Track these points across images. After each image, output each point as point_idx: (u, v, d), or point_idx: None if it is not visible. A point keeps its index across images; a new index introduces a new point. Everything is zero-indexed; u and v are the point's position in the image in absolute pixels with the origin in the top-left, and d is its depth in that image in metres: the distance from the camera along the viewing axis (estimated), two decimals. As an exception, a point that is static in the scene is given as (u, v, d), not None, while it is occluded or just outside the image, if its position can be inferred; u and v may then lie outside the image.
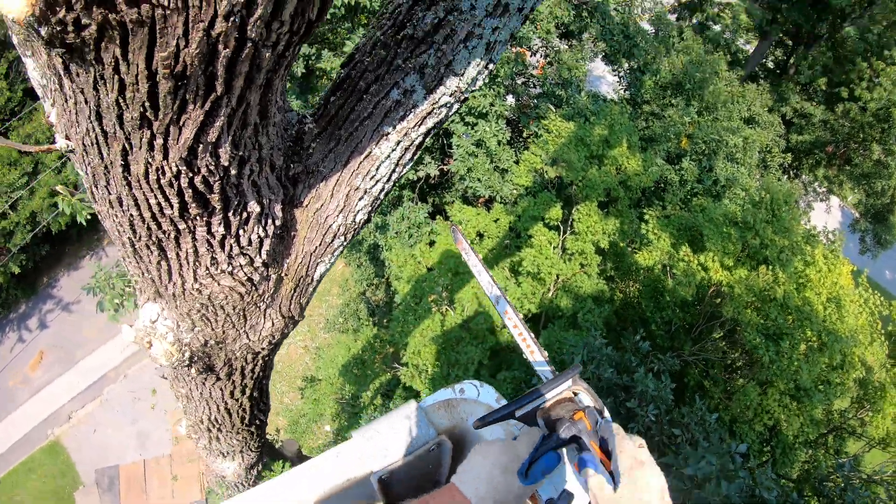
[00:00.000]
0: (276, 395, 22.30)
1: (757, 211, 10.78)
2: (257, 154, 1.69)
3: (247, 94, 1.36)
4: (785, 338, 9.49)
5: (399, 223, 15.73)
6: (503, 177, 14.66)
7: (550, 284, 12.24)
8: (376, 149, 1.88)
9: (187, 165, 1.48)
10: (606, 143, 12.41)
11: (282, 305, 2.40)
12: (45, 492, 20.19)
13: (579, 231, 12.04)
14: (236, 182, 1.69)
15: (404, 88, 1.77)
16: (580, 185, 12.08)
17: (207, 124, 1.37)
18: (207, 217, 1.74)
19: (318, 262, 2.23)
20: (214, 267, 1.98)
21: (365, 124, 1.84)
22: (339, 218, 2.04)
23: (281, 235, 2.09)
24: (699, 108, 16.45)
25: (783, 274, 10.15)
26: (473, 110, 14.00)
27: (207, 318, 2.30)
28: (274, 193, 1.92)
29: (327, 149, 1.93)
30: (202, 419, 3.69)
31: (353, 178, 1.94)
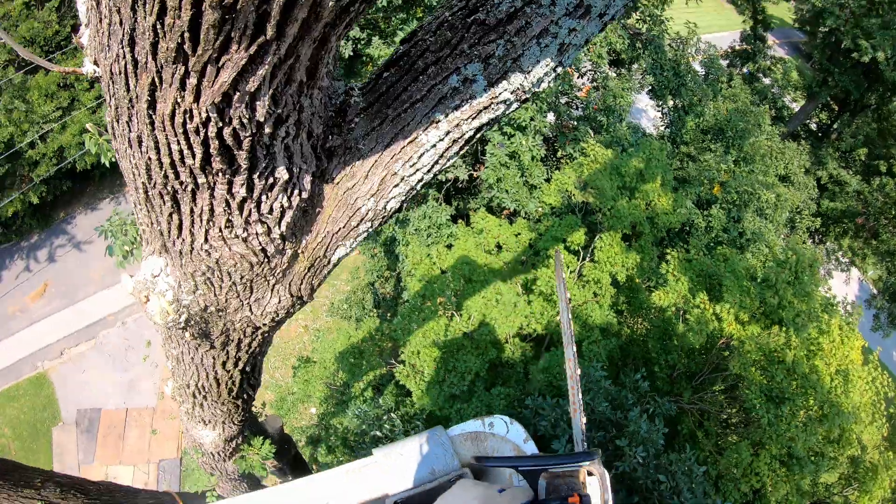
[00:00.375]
0: (268, 368, 22.28)
1: (780, 270, 10.58)
2: (296, 116, 1.57)
3: (299, 45, 1.25)
4: (787, 403, 9.30)
5: (420, 221, 15.63)
6: (531, 192, 14.53)
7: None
8: (423, 135, 1.74)
9: (219, 113, 1.36)
10: (641, 176, 12.25)
11: (292, 283, 2.28)
12: (24, 421, 20.22)
13: (599, 260, 11.89)
14: (268, 142, 1.57)
15: (465, 76, 1.64)
16: (607, 213, 11.93)
17: (249, 71, 1.25)
18: (231, 175, 1.62)
19: (338, 244, 2.10)
20: (228, 230, 1.86)
21: (416, 107, 1.71)
22: (370, 202, 1.91)
23: (305, 209, 1.96)
24: (737, 158, 16.26)
25: (796, 338, 9.94)
26: (513, 121, 13.89)
27: (212, 282, 2.18)
28: (306, 163, 1.80)
29: (371, 126, 1.80)
30: (189, 384, 3.58)
31: (393, 163, 1.81)
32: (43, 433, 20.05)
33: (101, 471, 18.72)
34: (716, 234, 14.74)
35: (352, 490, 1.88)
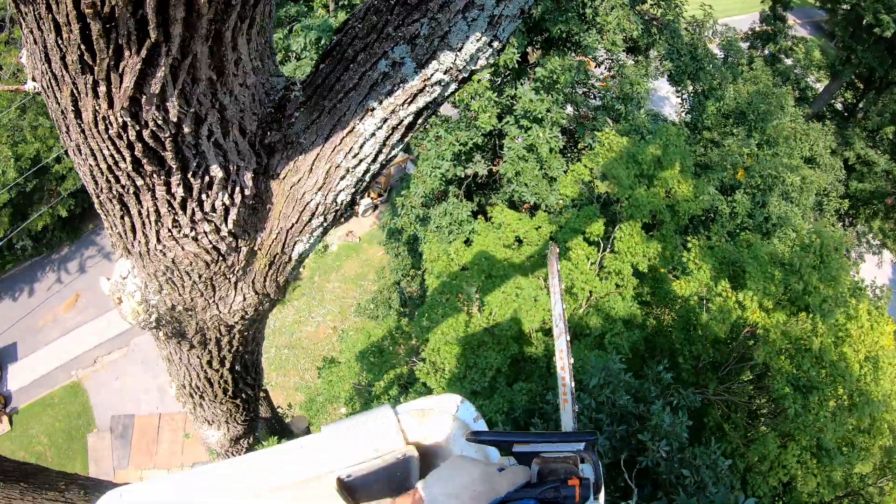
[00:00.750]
0: (298, 370, 22.50)
1: (804, 255, 10.30)
2: (218, 114, 1.56)
3: (190, 44, 1.27)
4: (814, 392, 9.04)
5: (441, 218, 15.62)
6: (551, 185, 14.42)
7: (583, 301, 11.95)
8: (360, 125, 1.70)
9: (132, 117, 1.39)
10: (658, 163, 12.05)
11: (255, 281, 2.26)
12: (59, 429, 20.67)
13: (619, 250, 11.73)
14: (193, 142, 1.57)
15: (393, 60, 1.59)
16: (626, 203, 11.77)
17: (148, 74, 1.29)
18: (165, 176, 1.64)
19: (295, 240, 2.07)
20: (177, 230, 1.86)
21: (350, 96, 1.67)
22: (318, 196, 1.87)
23: (254, 206, 1.94)
24: (760, 141, 15.93)
25: (823, 325, 9.66)
26: (529, 114, 13.78)
27: (174, 281, 2.18)
28: (243, 160, 1.77)
29: (310, 119, 1.77)
30: (184, 384, 3.60)
31: (335, 155, 1.77)
32: (78, 440, 20.46)
33: (136, 475, 19.07)
34: (741, 220, 14.46)
35: (300, 466, 1.85)
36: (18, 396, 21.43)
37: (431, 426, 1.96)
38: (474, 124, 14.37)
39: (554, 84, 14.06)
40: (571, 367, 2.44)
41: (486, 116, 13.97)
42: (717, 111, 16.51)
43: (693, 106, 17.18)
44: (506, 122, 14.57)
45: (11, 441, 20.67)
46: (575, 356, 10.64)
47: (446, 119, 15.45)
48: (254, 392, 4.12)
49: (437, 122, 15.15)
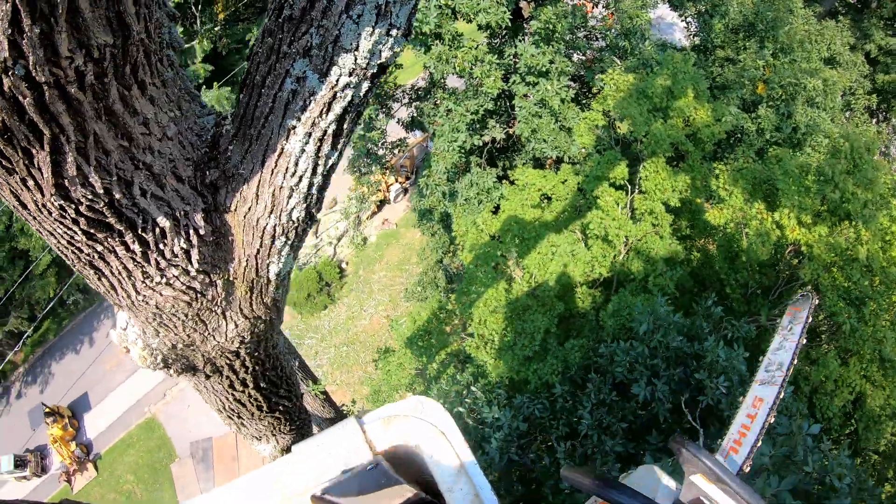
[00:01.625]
0: (360, 364, 22.83)
1: (836, 161, 9.94)
2: (145, 172, 1.62)
3: (85, 126, 1.36)
4: (868, 302, 8.77)
5: (468, 189, 15.55)
6: (570, 136, 14.23)
7: (621, 247, 11.81)
8: (287, 144, 1.72)
9: (65, 199, 1.49)
10: (670, 93, 11.76)
11: (242, 307, 2.30)
12: (143, 465, 21.47)
13: (647, 190, 11.53)
14: (130, 203, 1.63)
15: (296, 76, 1.60)
16: (645, 140, 11.55)
17: (61, 161, 1.39)
18: (119, 237, 1.71)
19: (267, 263, 2.10)
20: (149, 280, 1.93)
21: (270, 120, 1.69)
22: (272, 219, 1.90)
23: (216, 242, 1.98)
24: (774, 50, 15.34)
25: (867, 231, 9.32)
26: (533, 69, 13.59)
27: (165, 324, 2.24)
28: (189, 204, 1.82)
29: (244, 150, 1.80)
30: (220, 409, 3.67)
31: (274, 178, 1.79)
32: (162, 471, 21.22)
33: (222, 496, 19.60)
34: (769, 135, 14.04)
35: (276, 489, 1.91)
36: (98, 442, 22.37)
37: (398, 432, 1.99)
38: (481, 91, 14.23)
39: (552, 34, 13.83)
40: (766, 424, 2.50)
41: (491, 81, 13.81)
42: (725, 27, 15.94)
43: (699, 27, 16.66)
44: (512, 81, 14.40)
45: (100, 486, 21.60)
46: (622, 303, 10.54)
47: (454, 91, 15.34)
48: (291, 403, 4.18)
49: (446, 96, 15.07)
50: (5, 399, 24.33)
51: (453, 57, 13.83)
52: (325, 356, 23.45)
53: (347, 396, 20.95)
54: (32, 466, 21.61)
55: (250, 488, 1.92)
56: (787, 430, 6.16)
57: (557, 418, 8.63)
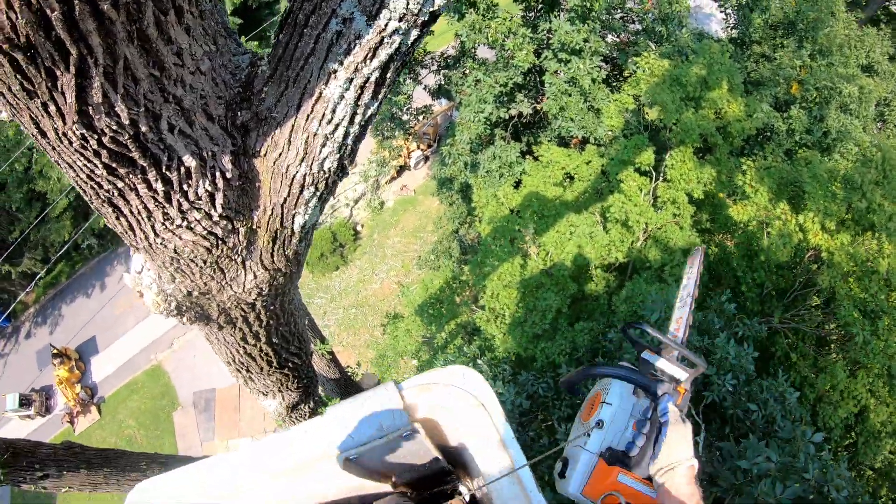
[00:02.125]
0: (367, 328, 22.93)
1: (866, 171, 9.74)
2: (174, 106, 1.54)
3: (115, 49, 1.28)
4: (884, 317, 8.63)
5: (490, 162, 15.45)
6: (598, 117, 14.06)
7: (639, 233, 11.71)
8: (326, 90, 1.64)
9: (87, 128, 1.41)
10: (704, 84, 11.55)
11: (262, 258, 2.25)
12: (146, 411, 21.78)
13: (672, 179, 11.39)
14: (156, 138, 1.56)
15: (342, 17, 1.51)
16: (675, 129, 11.38)
17: (86, 86, 1.30)
18: (141, 174, 1.65)
19: (293, 213, 2.04)
20: (169, 222, 1.88)
21: (310, 62, 1.61)
22: (303, 167, 1.83)
23: (241, 187, 1.92)
24: (812, 52, 15.01)
25: (890, 245, 9.17)
26: (566, 46, 13.37)
27: (182, 270, 2.20)
28: (217, 144, 1.75)
29: (279, 92, 1.72)
30: (230, 361, 3.65)
31: (309, 124, 1.72)
32: (164, 419, 21.53)
33: (222, 445, 20.00)
34: (799, 137, 13.78)
35: (304, 449, 1.87)
36: (103, 386, 22.73)
37: (437, 401, 1.93)
38: (512, 63, 14.06)
39: (589, 12, 13.57)
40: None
41: (523, 54, 13.63)
42: (765, 23, 15.58)
43: (738, 20, 16.31)
44: (544, 57, 14.18)
45: (102, 429, 21.94)
46: (635, 290, 10.47)
47: (483, 62, 15.16)
48: (301, 360, 4.16)
49: (475, 66, 14.89)
50: (14, 339, 24.72)
51: (486, 27, 13.63)
52: (334, 317, 23.55)
53: (352, 358, 21.07)
54: (37, 406, 21.98)
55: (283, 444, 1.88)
56: (789, 435, 6.10)
57: (560, 399, 8.60)
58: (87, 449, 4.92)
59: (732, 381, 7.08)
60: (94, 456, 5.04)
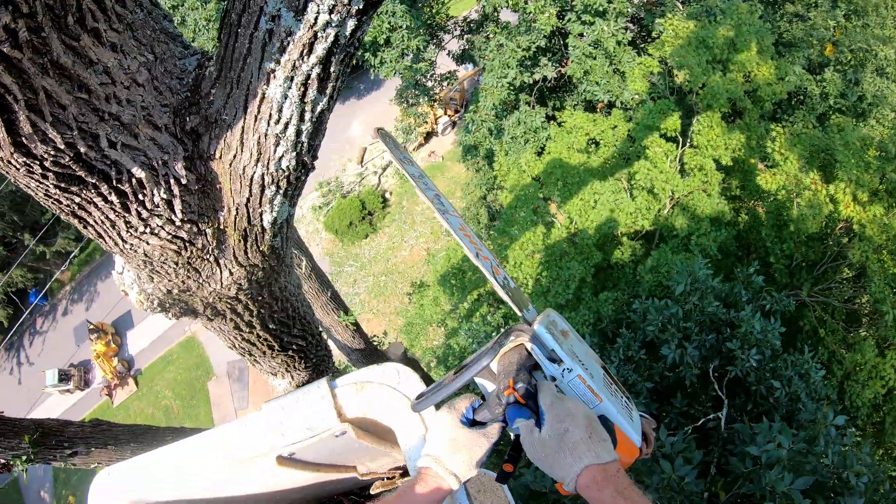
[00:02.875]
0: (397, 295, 23.09)
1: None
2: (112, 123, 1.51)
3: (32, 82, 1.26)
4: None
5: (515, 128, 15.26)
6: (624, 80, 13.74)
7: (666, 200, 11.49)
8: (268, 89, 1.57)
9: (28, 156, 1.40)
10: (732, 46, 11.18)
11: (237, 255, 2.22)
12: (181, 381, 22.27)
13: (699, 145, 11.13)
14: (98, 156, 1.54)
15: (270, 14, 1.43)
16: (701, 93, 11.08)
17: (13, 120, 1.30)
18: (94, 189, 1.63)
19: (259, 211, 2.00)
20: (133, 230, 1.86)
21: (248, 63, 1.54)
22: (259, 168, 1.78)
23: (203, 190, 1.88)
24: (847, 12, 14.41)
25: (926, 218, 8.85)
26: (590, 8, 13.04)
27: (157, 271, 2.19)
28: (168, 153, 1.71)
29: (225, 94, 1.66)
30: (232, 346, 3.65)
31: (258, 124, 1.66)
32: (199, 389, 21.99)
33: (256, 413, 20.30)
34: (833, 101, 13.31)
35: (242, 444, 1.90)
36: (140, 359, 23.33)
37: (370, 400, 1.93)
38: (535, 27, 13.77)
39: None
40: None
41: (545, 17, 13.33)
42: (799, -19, 15.06)
43: (771, -22, 15.74)
44: (567, 19, 13.84)
45: (140, 400, 22.58)
46: (661, 260, 10.33)
47: (506, 25, 14.88)
48: (306, 342, 4.13)
49: (498, 30, 14.64)
50: (52, 316, 25.46)
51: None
52: (364, 284, 23.70)
53: (381, 326, 21.26)
54: (76, 380, 22.76)
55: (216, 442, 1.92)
56: (811, 416, 5.99)
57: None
58: (114, 425, 4.95)
59: (757, 357, 6.99)
60: (122, 432, 5.09)
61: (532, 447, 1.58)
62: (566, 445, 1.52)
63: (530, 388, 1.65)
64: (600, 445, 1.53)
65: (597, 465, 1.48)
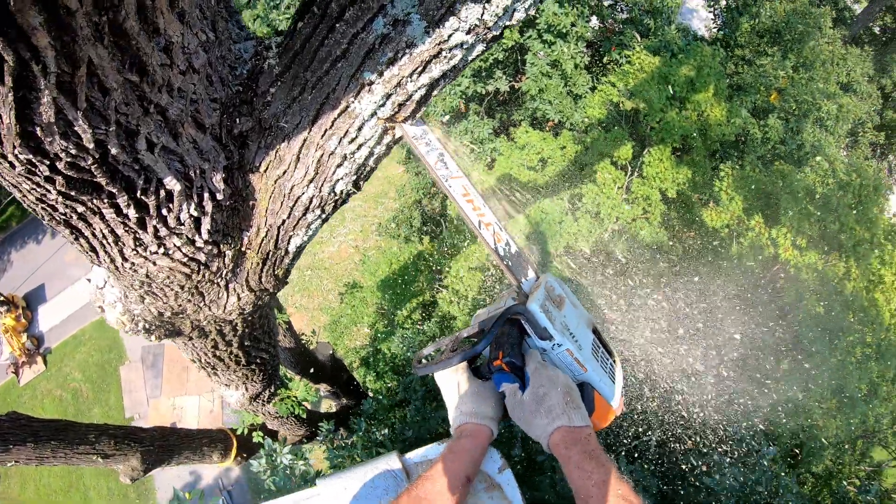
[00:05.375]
0: (321, 291, 22.52)
1: (843, 194, 9.75)
2: (157, 118, 1.16)
3: (75, 51, 0.88)
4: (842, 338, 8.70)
5: (462, 136, 15.09)
6: (576, 102, 13.76)
7: (609, 225, 11.57)
8: (355, 103, 1.26)
9: (36, 153, 1.03)
10: (692, 85, 11.38)
11: (249, 280, 1.90)
12: (92, 364, 21.08)
13: (648, 175, 11.24)
14: (129, 159, 1.18)
15: (394, 17, 1.14)
16: (656, 126, 11.19)
17: (32, 101, 0.91)
18: (108, 199, 1.25)
19: (289, 235, 1.69)
20: (142, 248, 1.48)
21: (338, 66, 1.23)
22: (310, 189, 1.48)
23: (233, 207, 1.54)
24: (795, 63, 14.93)
25: (856, 269, 9.24)
26: (552, 28, 13.00)
27: (154, 293, 1.82)
28: (208, 160, 1.37)
29: (290, 97, 1.33)
30: (195, 360, 3.33)
31: (326, 140, 1.35)
32: (111, 373, 20.86)
33: (168, 402, 19.50)
34: (773, 146, 13.73)
35: None
36: (50, 336, 21.86)
37: None
38: (495, 39, 13.65)
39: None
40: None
41: (508, 31, 13.23)
42: (752, 29, 15.45)
43: (726, 21, 16.07)
44: (528, 36, 13.77)
45: (47, 380, 21.23)
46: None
47: (464, 35, 14.73)
48: (269, 355, 3.87)
49: (456, 39, 14.48)
50: (-42, 284, 23.60)
51: (469, 0, 13.20)
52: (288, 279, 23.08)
53: (305, 320, 20.74)
54: (-19, 355, 21.14)
55: None
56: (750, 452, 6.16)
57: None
58: (33, 420, 4.67)
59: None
60: (42, 428, 4.75)
61: (514, 408, 1.72)
62: (543, 408, 1.66)
63: (516, 361, 1.75)
64: (574, 411, 1.65)
65: (568, 427, 1.62)
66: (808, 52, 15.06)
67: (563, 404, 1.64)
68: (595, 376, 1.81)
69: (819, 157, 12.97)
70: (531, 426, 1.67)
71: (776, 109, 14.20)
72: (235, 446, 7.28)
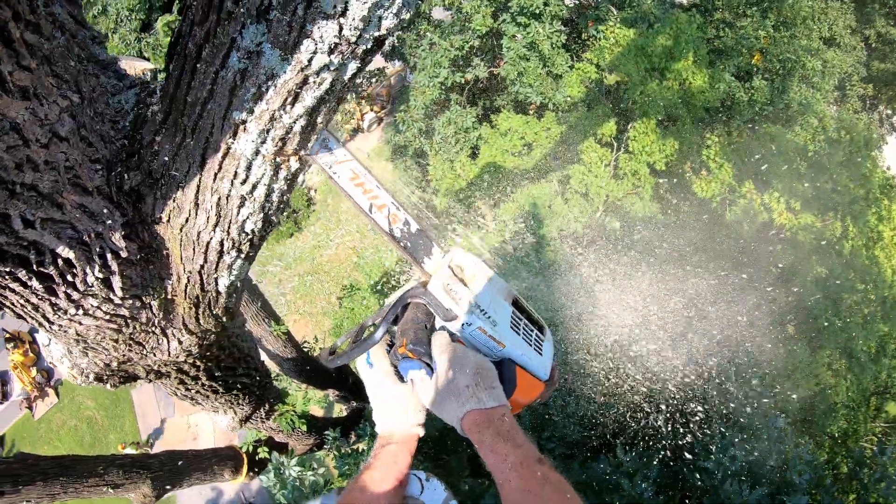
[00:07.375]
0: (323, 295, 22.50)
1: (833, 152, 9.61)
2: (28, 195, 1.10)
3: None
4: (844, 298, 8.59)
5: (446, 127, 14.95)
6: (557, 82, 13.62)
7: (599, 204, 11.46)
8: (235, 144, 1.19)
9: None
10: (670, 55, 11.21)
11: (187, 323, 1.83)
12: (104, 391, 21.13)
13: (634, 150, 11.13)
14: (11, 239, 1.13)
15: (245, 49, 1.06)
16: (638, 100, 11.06)
17: None
18: (10, 276, 1.21)
19: (214, 277, 1.62)
20: (62, 312, 1.42)
21: (209, 109, 1.16)
22: (218, 233, 1.40)
23: (146, 258, 1.48)
24: (776, 22, 14.74)
25: (854, 227, 9.11)
26: (525, 10, 12.85)
27: (93, 348, 1.76)
28: (101, 221, 1.30)
29: (175, 144, 1.25)
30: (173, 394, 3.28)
31: (219, 183, 1.27)
32: (123, 398, 20.95)
33: (183, 421, 19.59)
34: (760, 108, 13.59)
35: None
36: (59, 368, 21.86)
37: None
38: (469, 27, 13.52)
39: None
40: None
41: (481, 17, 13.10)
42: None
43: (703, -15, 15.93)
44: (502, 20, 13.63)
45: (61, 412, 21.45)
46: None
47: (438, 24, 14.59)
48: (250, 379, 3.80)
49: (430, 29, 14.33)
50: (-35, 324, 23.63)
51: (442, -13, 13.14)
52: (289, 285, 22.98)
53: (309, 327, 20.70)
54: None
55: None
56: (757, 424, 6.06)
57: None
58: (41, 459, 4.66)
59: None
60: (50, 466, 4.71)
61: (424, 395, 1.65)
62: (452, 392, 1.59)
63: (420, 348, 1.66)
64: (485, 392, 1.58)
65: (479, 410, 1.55)
66: (788, 10, 14.87)
67: (472, 386, 1.58)
68: (516, 351, 1.74)
69: (808, 115, 12.86)
70: (442, 411, 1.62)
71: (760, 70, 14.03)
72: (246, 462, 7.26)
